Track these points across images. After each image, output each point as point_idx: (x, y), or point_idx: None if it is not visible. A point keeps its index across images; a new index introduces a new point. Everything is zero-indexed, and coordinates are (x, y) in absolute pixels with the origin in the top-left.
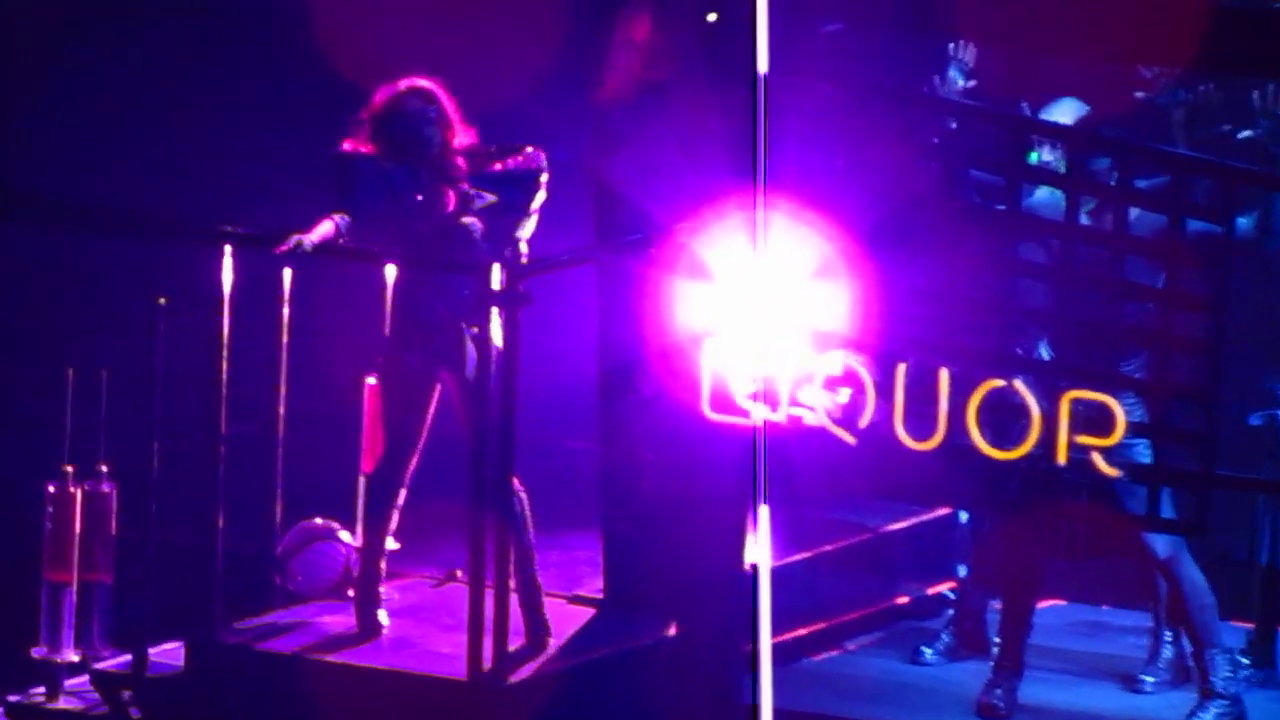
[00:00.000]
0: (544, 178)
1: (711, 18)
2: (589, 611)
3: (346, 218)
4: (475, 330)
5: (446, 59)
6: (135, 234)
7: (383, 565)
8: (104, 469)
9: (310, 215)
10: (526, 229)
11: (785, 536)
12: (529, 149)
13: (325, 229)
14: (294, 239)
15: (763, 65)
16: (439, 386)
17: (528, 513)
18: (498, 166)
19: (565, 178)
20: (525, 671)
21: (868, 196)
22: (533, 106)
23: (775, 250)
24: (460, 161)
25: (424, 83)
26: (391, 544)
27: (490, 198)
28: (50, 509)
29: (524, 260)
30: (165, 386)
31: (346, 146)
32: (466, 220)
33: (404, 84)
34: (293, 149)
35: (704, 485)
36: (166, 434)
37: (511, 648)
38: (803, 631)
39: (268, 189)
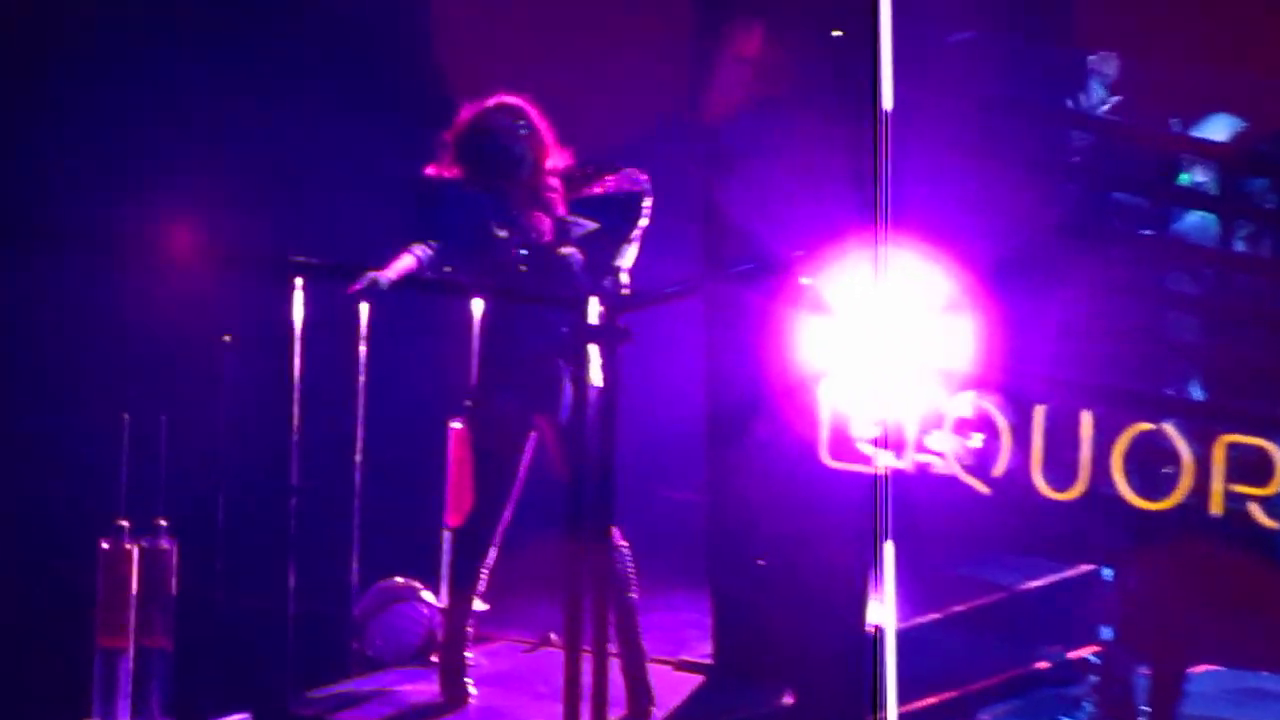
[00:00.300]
0: (647, 202)
1: (837, 34)
2: (697, 678)
3: (430, 249)
4: (572, 369)
5: (538, 74)
6: (198, 267)
7: (469, 628)
8: (163, 523)
9: (390, 246)
10: (627, 258)
11: (911, 596)
12: (630, 170)
13: (405, 263)
14: (369, 276)
15: (887, 90)
16: (532, 431)
17: (629, 569)
18: (596, 189)
19: (670, 202)
20: None
21: (1001, 222)
22: (634, 125)
23: (900, 281)
24: (555, 184)
25: (513, 99)
26: (479, 605)
27: (588, 224)
28: (104, 568)
29: (625, 292)
30: (231, 433)
31: (430, 171)
32: (562, 249)
33: (491, 100)
34: (372, 174)
35: (823, 539)
36: (233, 484)
37: (611, 718)
38: (931, 700)
39: (344, 217)
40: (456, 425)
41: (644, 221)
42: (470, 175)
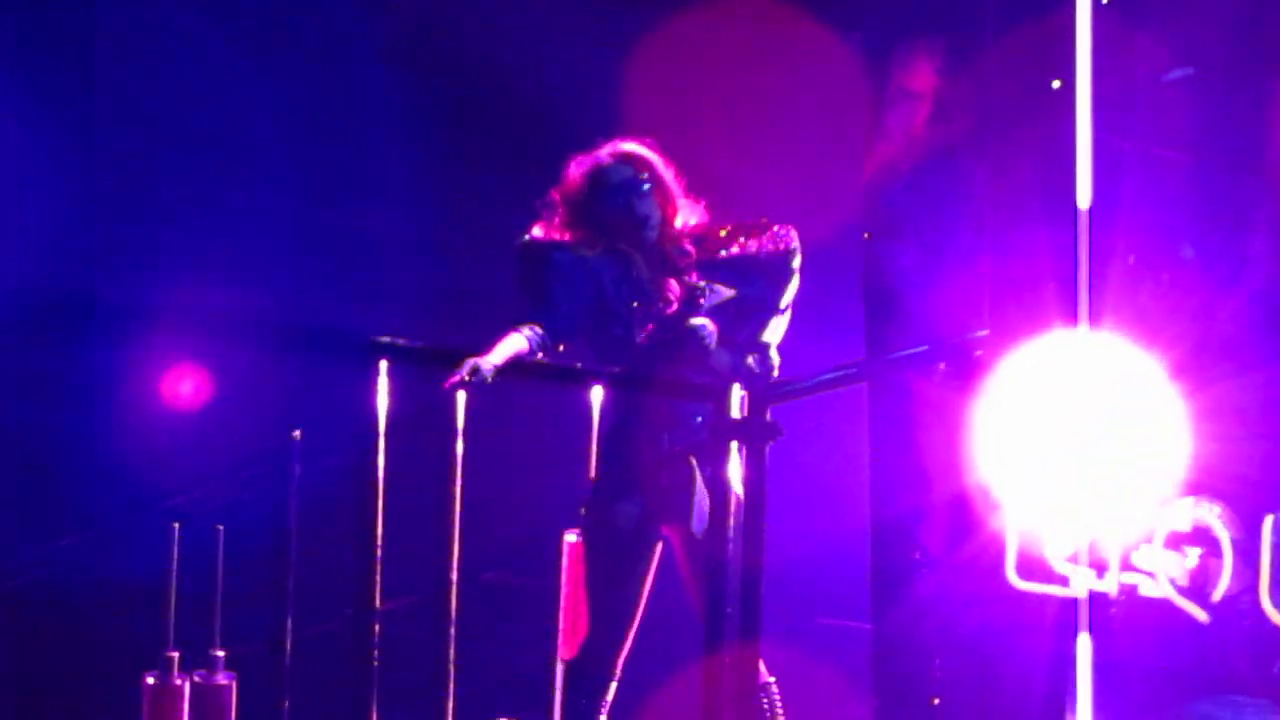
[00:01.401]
0: (796, 262)
1: (1056, 85)
2: None
3: (540, 329)
4: (708, 471)
5: (670, 131)
6: (262, 349)
7: None
8: (219, 654)
9: (491, 325)
10: (775, 333)
11: None
12: (776, 227)
13: (512, 346)
14: (470, 363)
15: (1084, 187)
16: (660, 545)
17: (779, 712)
18: (734, 250)
19: (825, 268)
20: None
21: (1227, 295)
22: (780, 177)
23: (1104, 369)
24: (686, 246)
25: (633, 145)
26: None
27: (727, 292)
28: (149, 707)
29: (775, 374)
30: (301, 545)
31: (537, 234)
32: (696, 322)
33: (607, 149)
34: (469, 240)
35: (1010, 676)
36: (303, 607)
37: None
38: None
39: (436, 290)
40: (571, 538)
41: (794, 287)
42: (584, 238)
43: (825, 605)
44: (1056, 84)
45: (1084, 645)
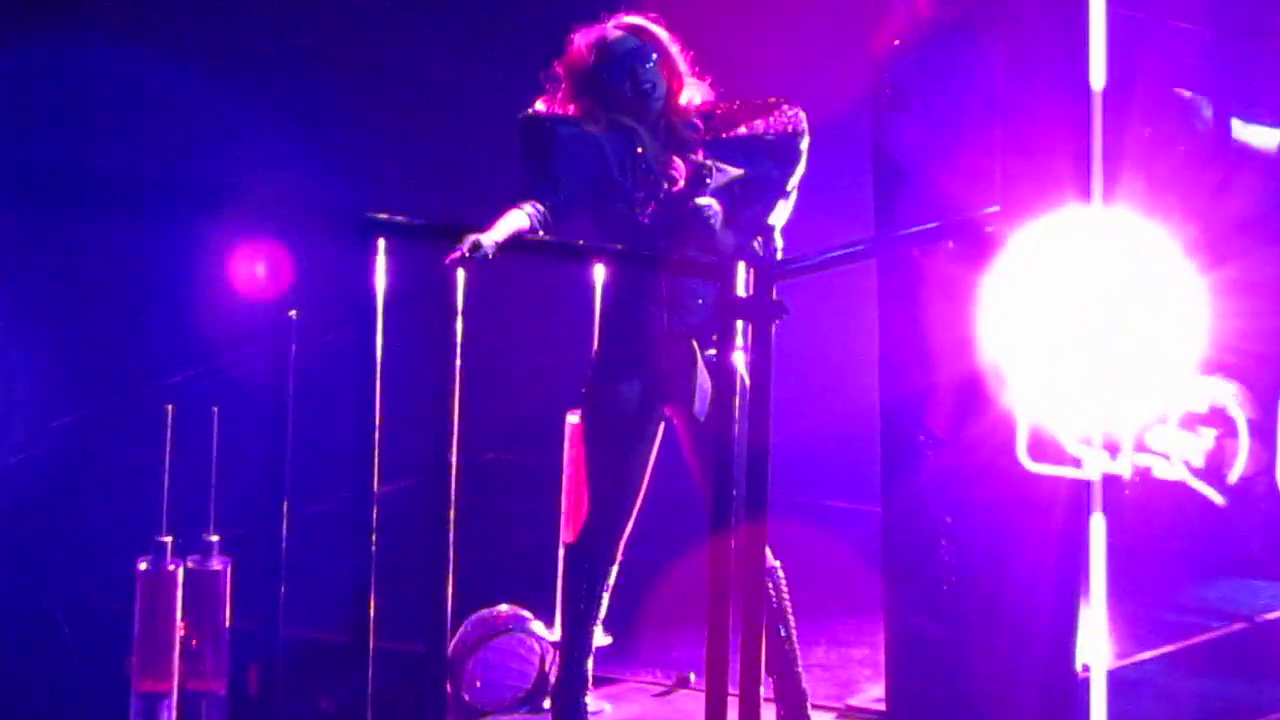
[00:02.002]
0: (805, 144)
1: None
2: None
3: (542, 205)
4: (713, 352)
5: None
6: (256, 224)
7: (590, 666)
8: (214, 539)
9: (493, 201)
10: (781, 214)
11: (1130, 628)
12: (786, 107)
13: (514, 222)
14: (470, 239)
15: (1099, 66)
16: (663, 425)
17: (785, 596)
18: (742, 130)
19: (833, 146)
20: None
21: (1245, 167)
22: (786, 54)
23: (1117, 246)
24: (693, 122)
25: (638, 18)
26: (601, 638)
27: (734, 171)
28: (142, 593)
29: (778, 257)
30: (298, 428)
31: (539, 108)
32: (702, 201)
33: (612, 21)
34: (471, 114)
35: (1020, 559)
36: (300, 492)
37: None
38: None
39: (437, 165)
40: (573, 419)
41: (802, 167)
42: (588, 112)
43: (832, 488)
44: None
45: (1097, 528)
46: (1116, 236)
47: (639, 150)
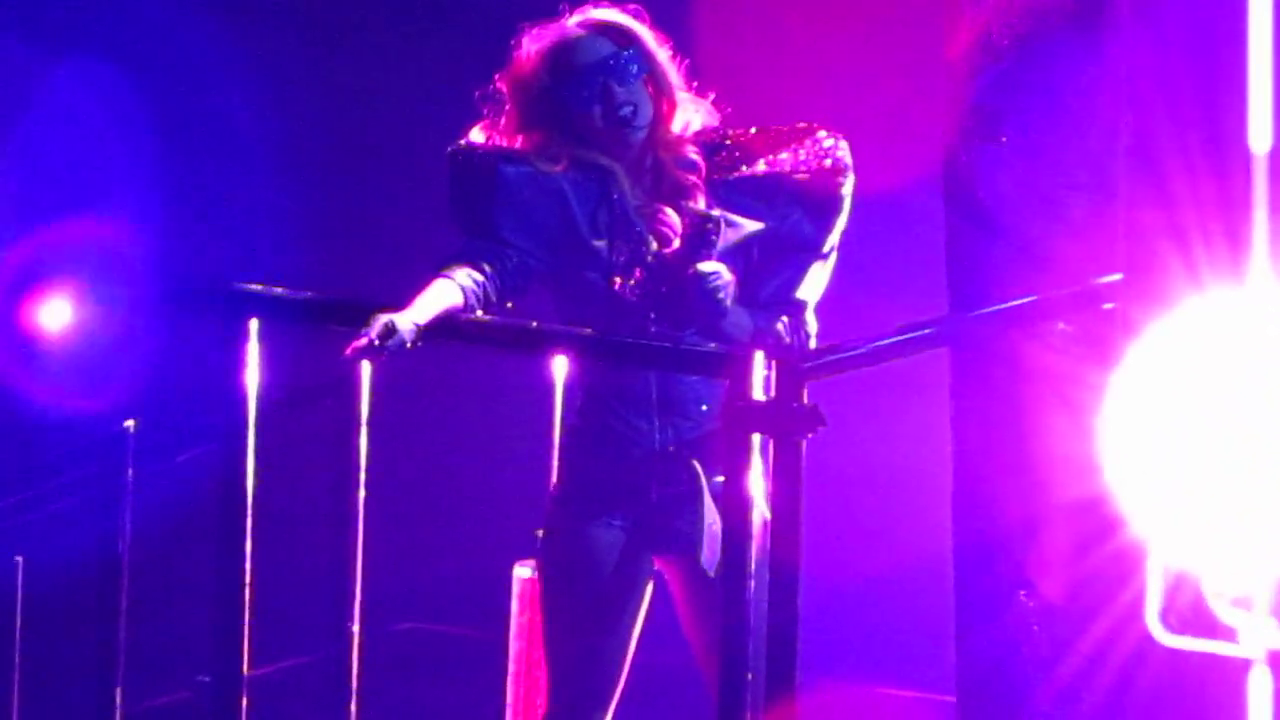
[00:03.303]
0: (848, 186)
1: None
2: None
3: (480, 274)
4: (721, 479)
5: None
6: (89, 301)
7: None
8: None
9: (413, 268)
10: (816, 284)
11: None
12: (821, 135)
13: (443, 297)
14: (382, 320)
15: (1263, 123)
16: (651, 584)
17: None
18: (761, 168)
19: (890, 190)
20: None
21: None
22: (820, 62)
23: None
24: (691, 158)
25: (611, 12)
26: None
27: (750, 225)
28: None
29: (811, 345)
30: (138, 582)
31: (476, 139)
32: (706, 268)
33: (573, 17)
34: (379, 152)
35: None
36: (140, 674)
37: None
38: None
39: (332, 221)
40: (523, 572)
41: (843, 221)
42: (544, 145)
43: (887, 669)
44: None
45: None
46: None
47: (616, 197)
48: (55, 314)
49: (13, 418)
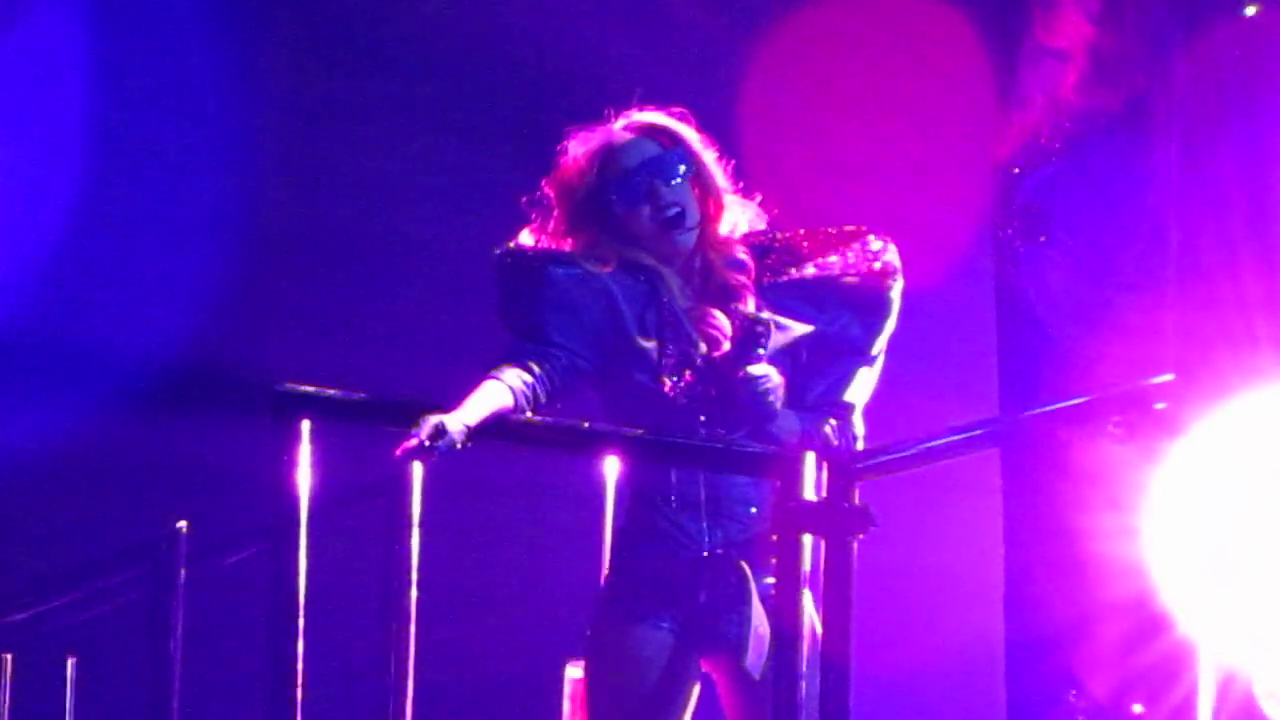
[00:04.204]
0: (897, 290)
1: (1251, 11)
2: None
3: (530, 375)
4: (770, 581)
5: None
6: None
7: None
8: None
9: (464, 371)
10: (864, 387)
11: None
12: (869, 236)
13: (493, 399)
14: (432, 422)
15: None
16: (697, 685)
17: None
18: (810, 271)
19: (939, 287)
20: None
21: None
22: (870, 163)
23: None
24: (740, 259)
25: (658, 115)
26: None
27: (799, 328)
28: None
29: (859, 446)
30: (189, 683)
31: (525, 242)
32: (756, 371)
33: (621, 120)
34: (430, 251)
35: None
36: None
37: None
38: None
39: (383, 322)
40: (574, 672)
41: (892, 324)
42: (592, 247)
43: None
44: (1251, 10)
45: None
46: None
47: (665, 299)
48: None
49: (68, 515)
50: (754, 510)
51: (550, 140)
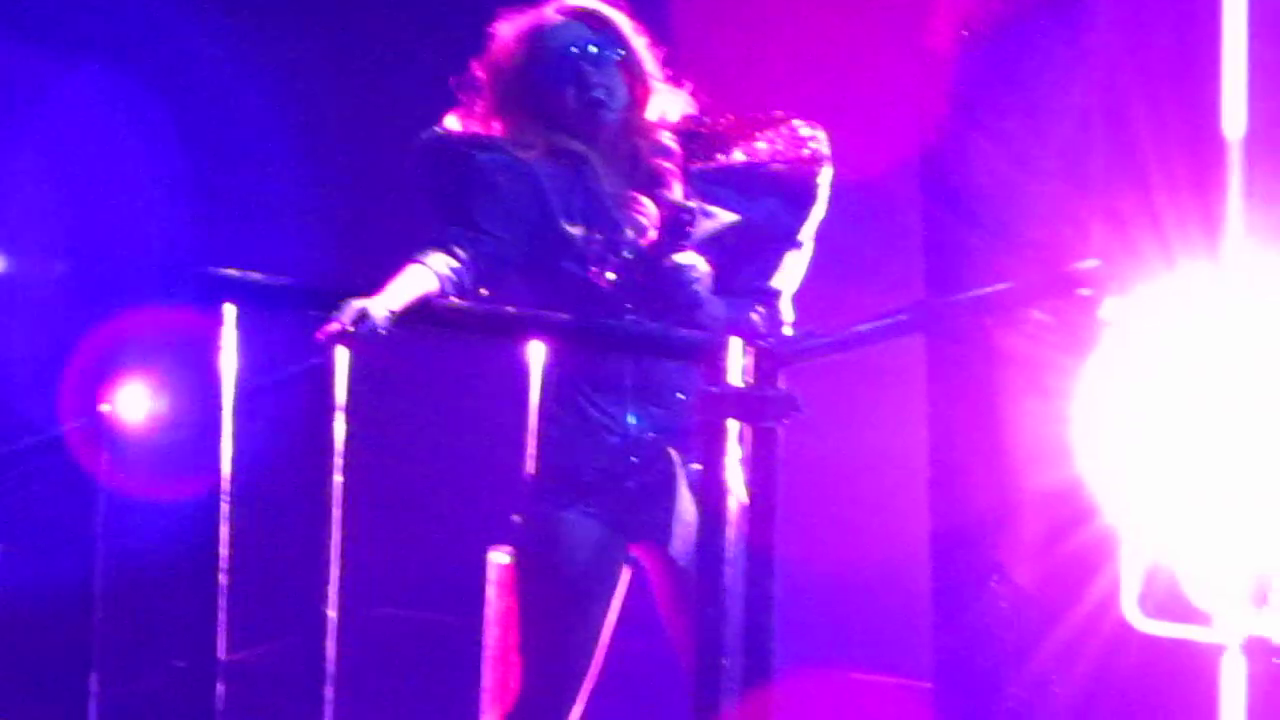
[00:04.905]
0: (826, 176)
1: None
2: None
3: (456, 261)
4: (697, 467)
5: None
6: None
7: None
8: None
9: (388, 255)
10: (790, 277)
11: None
12: (799, 125)
13: (418, 284)
14: (355, 307)
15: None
16: (627, 571)
17: None
18: (738, 157)
19: (866, 178)
20: None
21: None
22: (797, 49)
23: (1264, 317)
24: (669, 147)
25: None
26: None
27: (726, 216)
28: None
29: (787, 332)
30: (111, 572)
31: (452, 126)
32: (682, 259)
33: (551, 4)
34: (355, 137)
35: None
36: (116, 662)
37: None
38: None
39: (307, 208)
40: (500, 558)
41: (821, 210)
42: (519, 132)
43: (866, 654)
44: None
45: (1234, 710)
46: (1263, 308)
47: (591, 186)
48: None
49: None
50: (681, 396)
51: (486, 20)
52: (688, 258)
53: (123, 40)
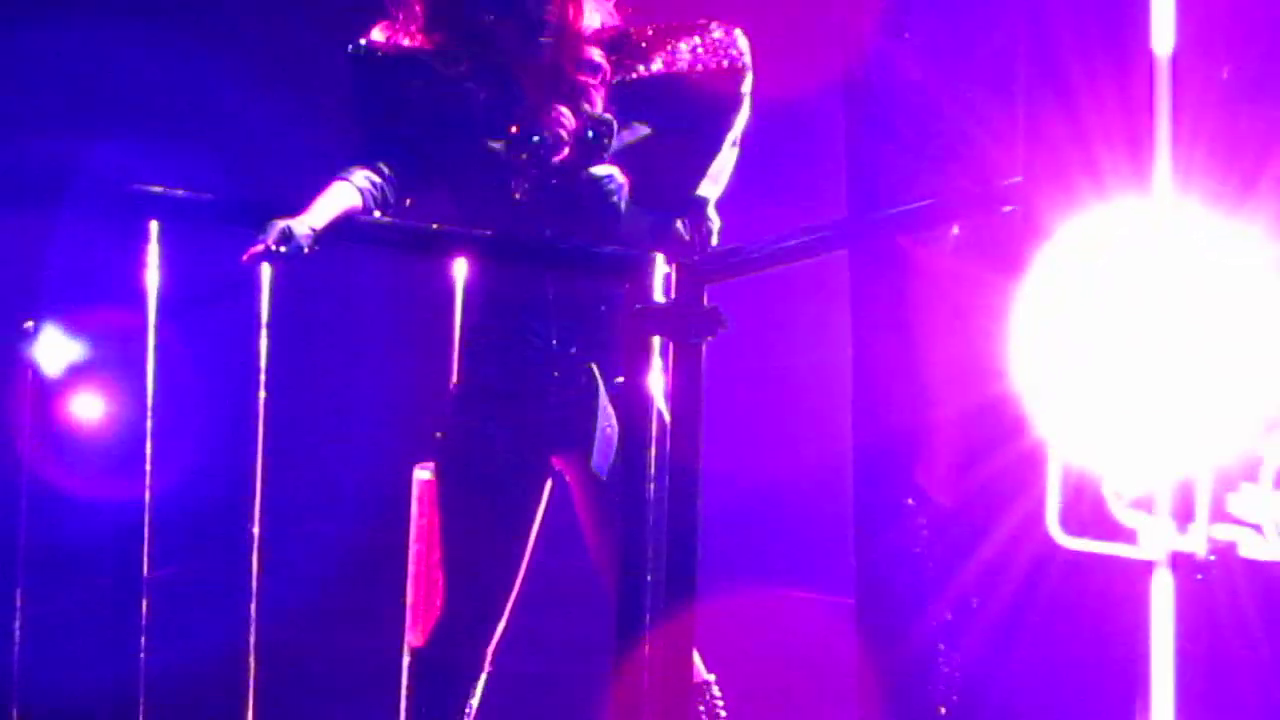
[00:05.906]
0: (747, 84)
1: None
2: None
3: (379, 176)
4: (620, 380)
5: None
6: None
7: None
8: None
9: (312, 171)
10: (715, 185)
11: None
12: (716, 29)
13: (341, 200)
14: (279, 225)
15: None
16: (549, 484)
17: None
18: (657, 66)
19: (790, 89)
20: None
21: None
22: None
23: (1190, 244)
24: (592, 58)
25: None
26: None
27: (642, 129)
28: None
29: (713, 243)
30: (38, 487)
31: (377, 39)
32: (600, 171)
33: None
34: (276, 51)
35: (1053, 667)
36: (38, 577)
37: None
38: None
39: (235, 125)
40: (423, 474)
41: (744, 117)
42: (445, 43)
43: (788, 571)
44: None
45: (1161, 625)
46: (1189, 236)
47: (514, 99)
48: None
49: None
50: (602, 309)
51: None
52: (604, 169)
53: None
